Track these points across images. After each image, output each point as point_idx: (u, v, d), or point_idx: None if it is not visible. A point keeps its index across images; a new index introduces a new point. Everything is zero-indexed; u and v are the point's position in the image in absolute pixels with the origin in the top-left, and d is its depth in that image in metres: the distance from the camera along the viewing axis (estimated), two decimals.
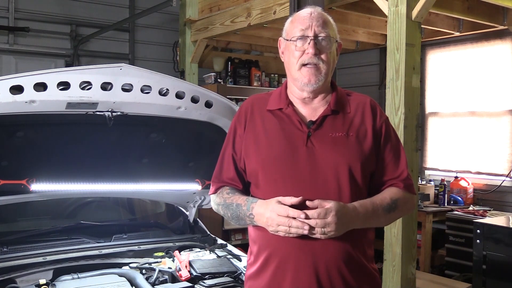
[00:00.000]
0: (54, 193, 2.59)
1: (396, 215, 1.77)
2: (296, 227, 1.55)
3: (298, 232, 1.56)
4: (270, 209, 1.60)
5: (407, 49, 3.31)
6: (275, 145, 1.72)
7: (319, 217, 1.54)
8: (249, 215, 1.68)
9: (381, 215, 1.69)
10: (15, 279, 2.28)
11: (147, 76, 2.34)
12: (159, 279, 2.41)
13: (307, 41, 1.69)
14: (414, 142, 3.38)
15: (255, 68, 6.24)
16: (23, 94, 2.11)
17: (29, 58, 6.63)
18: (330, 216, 1.54)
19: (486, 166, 5.37)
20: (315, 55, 1.69)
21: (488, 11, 4.56)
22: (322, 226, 1.54)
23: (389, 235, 3.35)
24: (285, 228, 1.57)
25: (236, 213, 1.73)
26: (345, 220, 1.58)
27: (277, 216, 1.57)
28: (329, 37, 1.71)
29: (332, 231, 1.56)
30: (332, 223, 1.55)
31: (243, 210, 1.70)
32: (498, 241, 3.68)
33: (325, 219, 1.54)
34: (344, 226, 1.58)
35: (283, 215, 1.56)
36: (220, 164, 1.86)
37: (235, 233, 5.72)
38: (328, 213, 1.54)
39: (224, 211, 1.78)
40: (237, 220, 1.74)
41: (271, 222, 1.59)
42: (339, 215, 1.56)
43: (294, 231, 1.56)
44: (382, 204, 1.69)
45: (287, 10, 4.27)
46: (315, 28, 1.70)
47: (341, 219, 1.56)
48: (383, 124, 1.78)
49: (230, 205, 1.75)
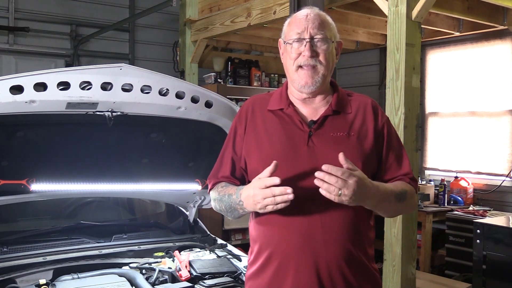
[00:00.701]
0: (54, 193, 2.59)
1: (402, 207, 1.75)
2: (280, 193, 1.52)
3: (284, 198, 1.52)
4: (252, 187, 1.60)
5: (407, 49, 3.31)
6: (277, 145, 1.72)
7: (343, 176, 1.49)
8: (238, 202, 1.68)
9: (392, 202, 1.68)
10: (15, 279, 2.28)
11: (147, 76, 2.34)
12: (159, 279, 2.41)
13: (303, 43, 1.70)
14: (414, 142, 3.39)
15: (255, 68, 6.24)
16: (23, 94, 2.11)
17: (29, 58, 6.63)
18: (352, 180, 1.49)
19: (486, 166, 5.37)
20: (312, 57, 1.69)
21: (488, 11, 4.56)
22: (342, 186, 1.48)
23: (389, 235, 3.35)
24: (271, 199, 1.54)
25: (229, 204, 1.73)
26: (362, 191, 1.53)
27: (259, 190, 1.56)
28: (325, 38, 1.71)
29: (348, 196, 1.49)
30: (352, 187, 1.49)
31: (233, 199, 1.70)
32: (498, 241, 3.68)
33: (347, 181, 1.49)
34: (359, 197, 1.53)
35: (263, 186, 1.55)
36: (219, 163, 1.87)
37: (235, 233, 5.72)
38: (351, 176, 1.50)
39: (220, 205, 1.79)
40: (231, 211, 1.74)
41: (256, 198, 1.57)
42: (360, 183, 1.51)
43: (280, 198, 1.53)
44: (394, 190, 1.68)
45: (287, 10, 4.27)
46: (310, 30, 1.70)
47: (360, 188, 1.51)
48: (384, 125, 1.79)
49: (223, 197, 1.76)
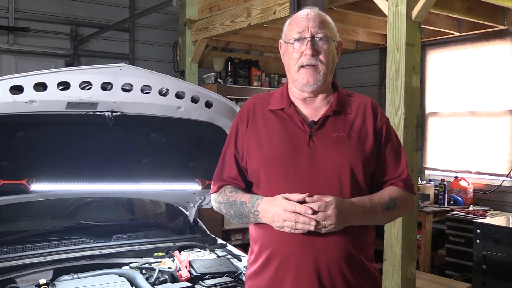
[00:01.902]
0: (54, 193, 2.59)
1: (395, 214, 1.77)
2: (303, 222, 1.56)
3: (305, 228, 1.56)
4: (276, 205, 1.60)
5: (407, 49, 3.31)
6: (277, 145, 1.72)
7: (320, 209, 1.55)
8: (253, 212, 1.68)
9: (379, 213, 1.69)
10: (15, 279, 2.28)
11: (147, 76, 2.34)
12: (159, 279, 2.41)
13: (304, 42, 1.70)
14: (414, 142, 3.38)
15: (255, 68, 6.24)
16: (23, 94, 2.11)
17: (29, 58, 6.63)
18: (330, 209, 1.56)
19: (486, 166, 5.37)
20: (313, 56, 1.70)
21: (488, 11, 4.56)
22: (323, 219, 1.55)
23: (389, 235, 3.35)
24: (291, 224, 1.57)
25: (240, 211, 1.72)
26: (344, 214, 1.59)
27: (283, 211, 1.58)
28: (326, 37, 1.72)
29: (333, 224, 1.57)
30: (333, 215, 1.56)
31: (247, 207, 1.70)
32: (498, 241, 3.68)
33: (325, 212, 1.55)
34: (343, 220, 1.59)
35: (290, 210, 1.57)
36: (221, 163, 1.86)
37: (235, 233, 5.72)
38: (328, 206, 1.56)
39: (227, 209, 1.78)
40: (240, 218, 1.74)
41: (277, 217, 1.59)
42: (338, 209, 1.57)
43: (301, 226, 1.57)
44: (380, 201, 1.69)
45: (287, 10, 4.27)
46: (311, 29, 1.70)
47: (340, 213, 1.57)
48: (383, 125, 1.79)
49: (234, 203, 1.75)
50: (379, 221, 1.77)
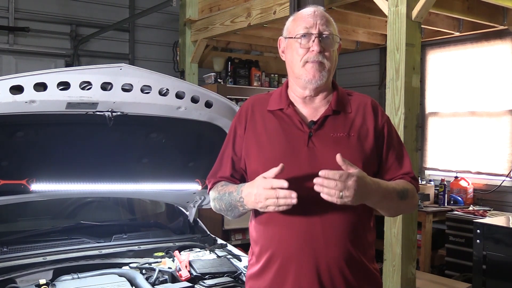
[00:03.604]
0: (54, 193, 2.59)
1: (404, 205, 1.75)
2: (284, 196, 1.51)
3: (287, 202, 1.51)
4: (256, 185, 1.58)
5: (407, 49, 3.31)
6: (276, 146, 1.71)
7: (341, 179, 1.49)
8: (239, 199, 1.67)
9: (395, 199, 1.67)
10: (15, 279, 2.28)
11: (147, 76, 2.34)
12: (159, 279, 2.41)
13: (312, 38, 1.69)
14: (414, 142, 3.39)
15: (255, 68, 6.24)
16: (23, 94, 2.11)
17: (29, 58, 6.63)
18: (352, 180, 1.49)
19: (486, 166, 5.37)
20: (320, 52, 1.69)
21: (488, 11, 4.56)
22: (342, 189, 1.48)
23: (389, 235, 3.35)
24: (274, 201, 1.53)
25: (229, 202, 1.72)
26: (364, 190, 1.53)
27: (263, 189, 1.55)
28: (332, 35, 1.72)
29: (350, 197, 1.49)
30: (352, 187, 1.49)
31: (233, 196, 1.69)
32: (498, 241, 3.68)
33: (346, 182, 1.49)
34: (361, 196, 1.53)
35: (268, 187, 1.54)
36: (218, 163, 1.87)
37: (235, 233, 5.72)
38: (350, 177, 1.50)
39: (220, 204, 1.78)
40: (231, 210, 1.74)
41: (259, 197, 1.56)
42: (360, 182, 1.51)
43: (283, 202, 1.52)
44: (396, 188, 1.68)
45: (287, 10, 4.27)
46: (319, 26, 1.70)
47: (360, 187, 1.51)
48: (385, 124, 1.78)
49: (223, 195, 1.75)
50: (390, 209, 1.75)
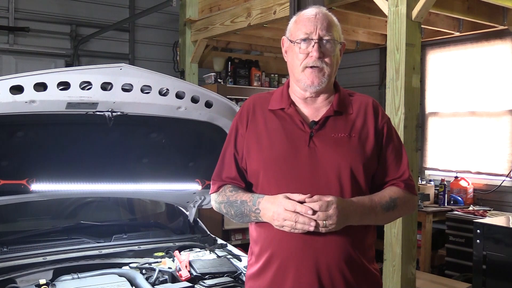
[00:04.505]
0: (54, 193, 2.59)
1: (395, 214, 1.76)
2: (303, 222, 1.56)
3: (304, 228, 1.56)
4: (277, 204, 1.60)
5: (407, 49, 3.31)
6: (277, 146, 1.71)
7: (321, 209, 1.55)
8: (255, 210, 1.67)
9: (379, 213, 1.69)
10: (15, 279, 2.28)
11: (147, 76, 2.34)
12: (159, 279, 2.41)
13: (311, 43, 1.69)
14: (414, 142, 3.38)
15: (255, 68, 6.24)
16: (23, 94, 2.11)
17: (29, 58, 6.64)
18: (332, 209, 1.56)
19: (486, 166, 5.37)
20: (319, 58, 1.68)
21: (488, 11, 4.56)
22: (324, 218, 1.55)
23: (389, 235, 3.35)
24: (291, 223, 1.57)
25: (241, 210, 1.72)
26: (345, 213, 1.59)
27: (284, 210, 1.57)
28: (333, 40, 1.71)
29: (333, 224, 1.56)
30: (334, 215, 1.56)
31: (248, 206, 1.69)
32: (498, 241, 3.67)
33: (327, 212, 1.55)
34: (344, 220, 1.59)
35: (290, 209, 1.57)
36: (221, 163, 1.85)
37: (235, 233, 5.72)
38: (329, 205, 1.56)
39: (227, 209, 1.78)
40: (241, 217, 1.74)
41: (278, 216, 1.59)
42: (339, 208, 1.57)
43: (300, 226, 1.56)
44: (380, 201, 1.69)
45: (287, 10, 4.26)
46: (319, 31, 1.69)
47: (341, 212, 1.57)
48: (385, 125, 1.78)
49: (234, 202, 1.74)
50: (378, 221, 1.76)
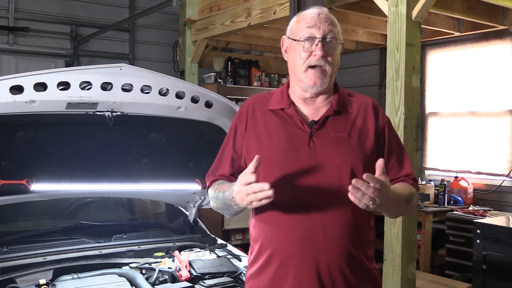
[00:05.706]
0: (54, 193, 2.59)
1: (407, 209, 1.75)
2: (259, 189, 1.50)
3: (264, 194, 1.49)
4: (237, 183, 1.58)
5: (407, 49, 3.31)
6: (277, 145, 1.71)
7: (376, 185, 1.45)
8: (232, 198, 1.65)
9: (402, 205, 1.67)
10: (15, 279, 2.28)
11: (147, 76, 2.34)
12: (159, 279, 2.41)
13: (315, 42, 1.68)
14: (414, 142, 3.38)
15: (255, 68, 6.24)
16: (23, 94, 2.11)
17: (29, 58, 6.63)
18: (385, 189, 1.47)
19: (486, 166, 5.37)
20: (323, 57, 1.68)
21: (488, 11, 4.56)
22: (376, 196, 1.45)
23: (389, 235, 3.35)
24: (253, 196, 1.51)
25: (224, 201, 1.71)
26: (386, 198, 1.50)
27: (242, 186, 1.54)
28: (336, 39, 1.71)
29: (376, 204, 1.47)
30: (382, 195, 1.47)
31: (227, 195, 1.68)
32: (498, 241, 3.68)
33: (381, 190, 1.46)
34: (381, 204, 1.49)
35: (243, 183, 1.53)
36: (218, 161, 1.86)
37: (235, 233, 5.72)
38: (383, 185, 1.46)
39: (216, 202, 1.77)
40: (227, 208, 1.72)
41: (240, 194, 1.56)
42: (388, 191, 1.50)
43: (261, 195, 1.50)
44: (404, 193, 1.67)
45: (287, 10, 4.26)
46: (323, 30, 1.68)
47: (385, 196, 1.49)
48: (385, 125, 1.78)
49: (219, 194, 1.74)
50: (395, 213, 1.75)
